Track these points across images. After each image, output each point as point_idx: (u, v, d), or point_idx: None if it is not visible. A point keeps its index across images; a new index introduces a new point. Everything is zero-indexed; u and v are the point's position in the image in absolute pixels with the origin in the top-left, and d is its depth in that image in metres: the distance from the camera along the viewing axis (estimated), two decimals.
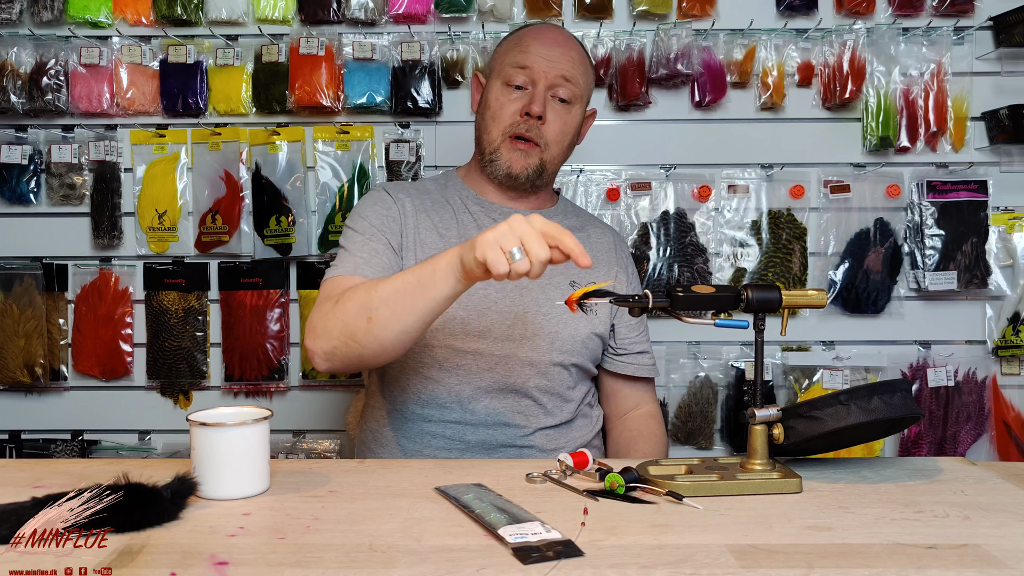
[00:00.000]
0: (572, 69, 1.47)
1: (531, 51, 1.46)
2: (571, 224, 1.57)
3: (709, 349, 2.17)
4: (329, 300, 1.28)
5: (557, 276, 1.48)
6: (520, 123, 1.45)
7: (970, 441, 2.14)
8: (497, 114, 1.47)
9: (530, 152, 1.46)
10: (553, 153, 1.48)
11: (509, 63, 1.48)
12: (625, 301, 1.09)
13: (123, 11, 2.12)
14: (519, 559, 0.81)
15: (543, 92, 1.45)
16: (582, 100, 1.51)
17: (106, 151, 2.14)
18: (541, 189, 1.54)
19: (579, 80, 1.48)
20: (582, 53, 1.52)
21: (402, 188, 1.53)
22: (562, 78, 1.46)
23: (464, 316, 1.40)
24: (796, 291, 1.10)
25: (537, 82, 1.45)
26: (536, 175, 1.48)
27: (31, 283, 2.15)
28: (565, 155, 1.52)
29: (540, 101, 1.44)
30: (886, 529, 0.91)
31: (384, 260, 1.39)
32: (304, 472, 1.13)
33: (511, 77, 1.46)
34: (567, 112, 1.48)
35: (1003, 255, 2.16)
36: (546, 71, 1.45)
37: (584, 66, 1.51)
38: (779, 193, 2.15)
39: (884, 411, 1.06)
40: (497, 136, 1.47)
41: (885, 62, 2.11)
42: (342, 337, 1.23)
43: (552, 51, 1.46)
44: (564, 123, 1.47)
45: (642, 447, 1.50)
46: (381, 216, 1.44)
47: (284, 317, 2.17)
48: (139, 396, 2.20)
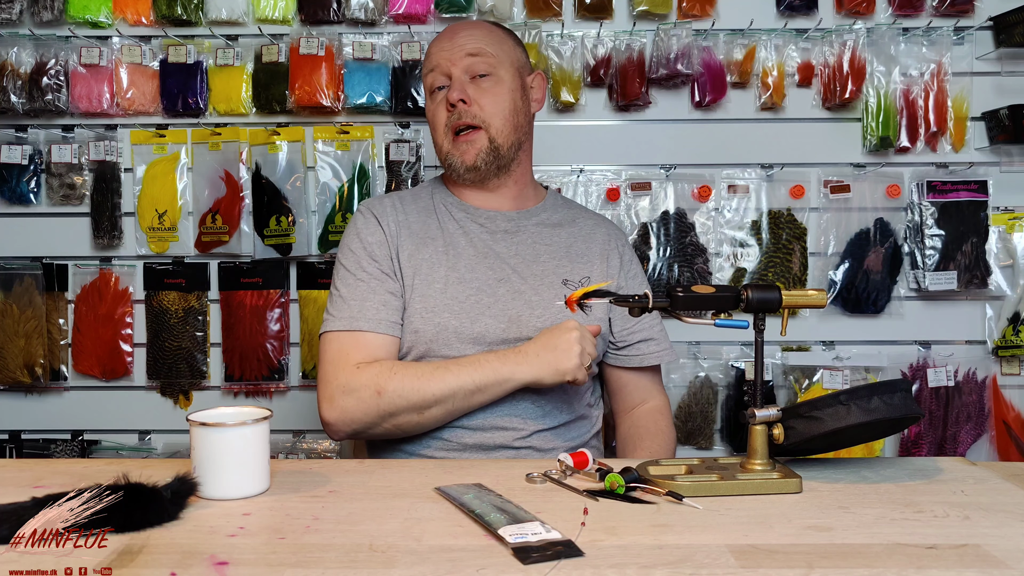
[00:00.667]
0: (476, 42, 1.46)
1: (433, 52, 1.48)
2: (561, 218, 1.56)
3: (709, 349, 2.17)
4: (341, 369, 1.33)
5: (549, 276, 1.47)
6: (450, 116, 1.45)
7: (970, 441, 2.14)
8: (433, 121, 1.49)
9: (473, 138, 1.45)
10: (498, 126, 1.46)
11: (425, 74, 1.51)
12: (625, 301, 1.09)
13: (123, 11, 2.12)
14: (519, 559, 0.80)
15: (458, 78, 1.45)
16: (506, 65, 1.48)
17: (106, 151, 2.14)
18: (512, 170, 1.51)
19: (488, 49, 1.46)
20: (488, 27, 1.50)
21: (387, 204, 1.52)
22: (468, 55, 1.45)
23: (457, 324, 1.41)
24: (796, 291, 1.10)
25: (451, 72, 1.46)
26: (492, 155, 1.46)
27: (31, 283, 2.15)
28: (517, 125, 1.49)
29: (457, 87, 1.44)
30: (886, 529, 0.91)
31: (378, 300, 1.40)
32: (304, 472, 1.13)
33: (430, 84, 1.49)
34: (493, 83, 1.46)
35: (1003, 255, 2.16)
36: (450, 58, 1.45)
37: (493, 35, 1.49)
38: (779, 193, 2.15)
39: (884, 411, 1.06)
40: (442, 140, 1.48)
41: (885, 62, 2.11)
42: (385, 426, 1.33)
43: (452, 40, 1.47)
44: (493, 94, 1.46)
45: (649, 444, 1.49)
46: (369, 244, 1.45)
47: (284, 317, 2.17)
48: (139, 396, 2.20)
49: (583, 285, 1.47)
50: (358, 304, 1.39)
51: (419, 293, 1.42)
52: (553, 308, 1.44)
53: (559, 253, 1.51)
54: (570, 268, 1.49)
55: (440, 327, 1.39)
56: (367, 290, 1.40)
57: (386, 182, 2.15)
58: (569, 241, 1.53)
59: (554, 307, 1.44)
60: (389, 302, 1.40)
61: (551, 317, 1.44)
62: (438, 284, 1.43)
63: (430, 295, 1.42)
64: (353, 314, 1.38)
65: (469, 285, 1.44)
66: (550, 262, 1.49)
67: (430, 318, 1.40)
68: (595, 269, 1.52)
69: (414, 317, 1.41)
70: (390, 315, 1.39)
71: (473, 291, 1.43)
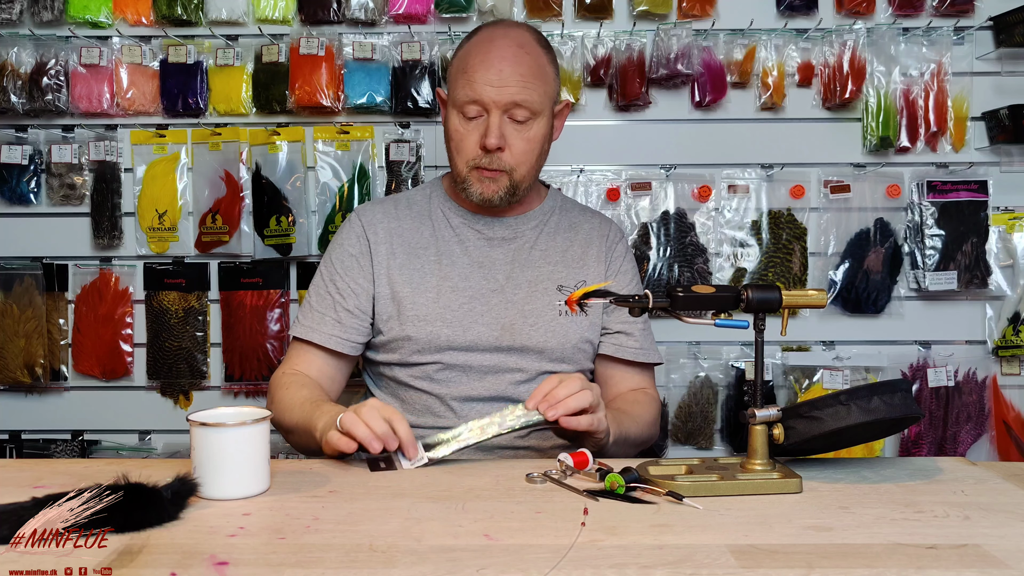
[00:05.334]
0: (523, 90, 1.39)
1: (477, 80, 1.40)
2: (559, 220, 1.56)
3: (709, 349, 2.17)
4: (281, 368, 1.49)
5: (544, 283, 1.48)
6: (480, 156, 1.42)
7: (970, 441, 2.14)
8: (459, 146, 1.45)
9: (497, 178, 1.43)
10: (522, 172, 1.44)
11: (460, 96, 1.42)
12: (625, 301, 1.09)
13: (123, 11, 2.12)
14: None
15: (496, 123, 1.40)
16: (543, 111, 1.44)
17: (106, 151, 2.14)
18: (518, 201, 1.51)
19: (533, 97, 1.41)
20: (535, 59, 1.43)
21: (379, 211, 1.52)
22: (514, 103, 1.40)
23: (450, 333, 1.42)
24: (796, 291, 1.10)
25: (489, 111, 1.40)
26: (509, 195, 1.45)
27: (31, 283, 2.15)
28: (539, 164, 1.48)
29: (495, 134, 1.39)
30: (886, 529, 0.91)
31: (335, 317, 1.47)
32: (304, 472, 1.13)
33: (464, 109, 1.42)
34: (527, 130, 1.42)
35: (1003, 255, 2.16)
36: (495, 99, 1.39)
37: (540, 74, 1.43)
38: (779, 193, 2.15)
39: (884, 411, 1.06)
40: (463, 168, 1.45)
41: (885, 62, 2.11)
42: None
43: (501, 74, 1.39)
44: (527, 141, 1.43)
45: (620, 405, 1.45)
46: (347, 258, 1.50)
47: (284, 317, 2.17)
48: (139, 396, 2.20)
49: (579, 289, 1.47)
50: (319, 317, 1.48)
51: (411, 301, 1.44)
52: (546, 317, 1.45)
53: (555, 258, 1.51)
54: (566, 273, 1.49)
55: (433, 335, 1.42)
56: (329, 305, 1.48)
57: (386, 182, 2.15)
58: (565, 245, 1.53)
59: (547, 316, 1.45)
60: (345, 320, 1.47)
61: (544, 325, 1.45)
62: (430, 293, 1.44)
63: (423, 304, 1.43)
64: (312, 325, 1.48)
65: (462, 294, 1.45)
66: (545, 267, 1.49)
67: (422, 326, 1.42)
68: (591, 272, 1.52)
69: (407, 325, 1.43)
70: (343, 332, 1.47)
71: (466, 300, 1.44)
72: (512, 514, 0.95)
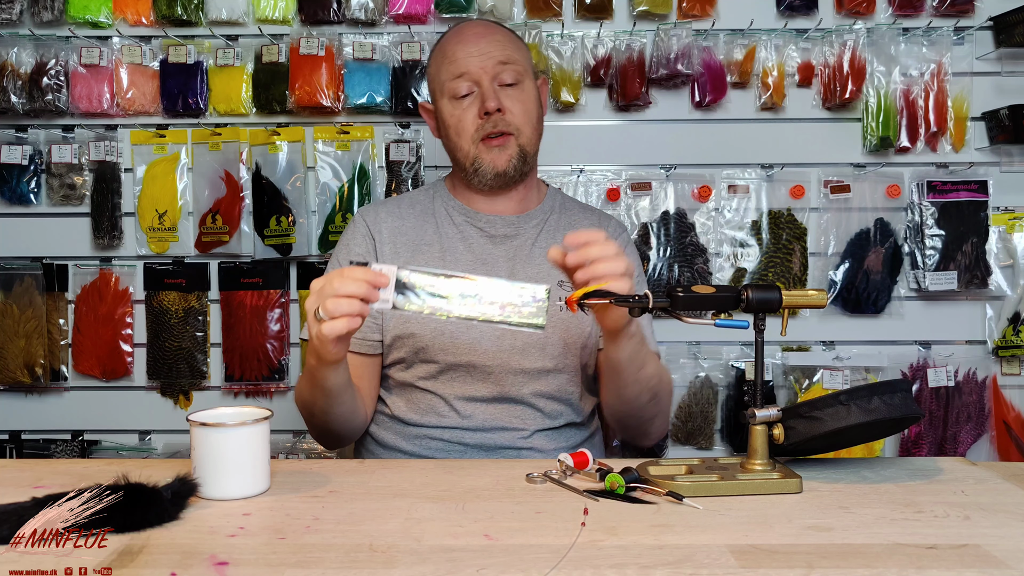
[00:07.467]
0: (505, 50, 1.46)
1: (460, 56, 1.45)
2: (559, 219, 1.56)
3: (709, 349, 2.17)
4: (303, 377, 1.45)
5: (544, 280, 1.48)
6: (484, 124, 1.44)
7: (970, 441, 2.14)
8: (459, 128, 1.46)
9: (506, 143, 1.45)
10: (527, 135, 1.47)
11: (446, 78, 1.47)
12: (625, 301, 1.09)
13: (123, 11, 2.12)
14: None
15: (490, 87, 1.44)
16: (528, 73, 1.50)
17: (106, 151, 2.14)
18: (527, 176, 1.53)
19: (516, 57, 1.47)
20: (506, 32, 1.50)
21: (382, 211, 1.53)
22: (500, 63, 1.45)
23: (453, 330, 1.42)
24: (796, 291, 1.10)
25: (481, 80, 1.44)
26: (521, 161, 1.47)
27: (31, 283, 2.15)
28: (538, 130, 1.51)
29: (492, 96, 1.43)
30: (886, 529, 0.91)
31: None
32: (304, 472, 1.13)
33: (455, 90, 1.45)
34: (520, 91, 1.47)
35: (1003, 255, 2.16)
36: (483, 66, 1.44)
37: (514, 42, 1.50)
38: (779, 193, 2.15)
39: (884, 411, 1.06)
40: (470, 147, 1.46)
41: (885, 62, 2.11)
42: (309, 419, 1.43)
43: (479, 45, 1.45)
44: (523, 102, 1.47)
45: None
46: (356, 256, 1.49)
47: (284, 317, 2.17)
48: (139, 396, 2.20)
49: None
50: None
51: None
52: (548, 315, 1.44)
53: None
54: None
55: (436, 332, 1.42)
56: None
57: (386, 182, 2.15)
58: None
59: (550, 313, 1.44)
60: None
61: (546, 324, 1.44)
62: None
63: None
64: None
65: None
66: (546, 265, 1.49)
67: (425, 323, 1.43)
68: None
69: (411, 322, 1.43)
70: (358, 332, 1.44)
71: None
72: (512, 514, 0.95)
